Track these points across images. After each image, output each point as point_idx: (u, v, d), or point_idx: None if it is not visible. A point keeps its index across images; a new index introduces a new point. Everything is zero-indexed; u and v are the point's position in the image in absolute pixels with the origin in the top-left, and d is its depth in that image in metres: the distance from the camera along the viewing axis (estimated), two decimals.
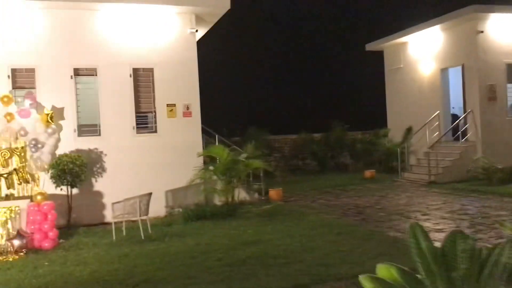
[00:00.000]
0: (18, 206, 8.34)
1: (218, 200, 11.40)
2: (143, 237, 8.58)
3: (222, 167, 10.64)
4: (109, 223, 10.13)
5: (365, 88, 23.61)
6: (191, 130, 11.44)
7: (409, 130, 17.24)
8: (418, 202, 11.08)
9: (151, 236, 8.68)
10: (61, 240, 8.67)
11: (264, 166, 11.24)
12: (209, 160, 12.08)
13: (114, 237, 8.64)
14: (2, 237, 8.13)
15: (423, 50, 16.82)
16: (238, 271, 6.23)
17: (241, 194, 11.43)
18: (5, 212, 8.20)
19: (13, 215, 8.24)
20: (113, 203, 8.86)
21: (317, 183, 15.11)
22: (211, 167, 11.22)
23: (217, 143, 12.36)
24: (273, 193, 12.20)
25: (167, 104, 11.27)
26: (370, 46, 19.02)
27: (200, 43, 11.98)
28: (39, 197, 8.58)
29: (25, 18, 10.16)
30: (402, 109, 18.02)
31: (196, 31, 11.52)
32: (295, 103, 24.17)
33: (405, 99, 17.81)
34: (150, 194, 9.05)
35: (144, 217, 8.92)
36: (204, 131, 11.90)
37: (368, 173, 15.87)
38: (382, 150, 17.89)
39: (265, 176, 12.79)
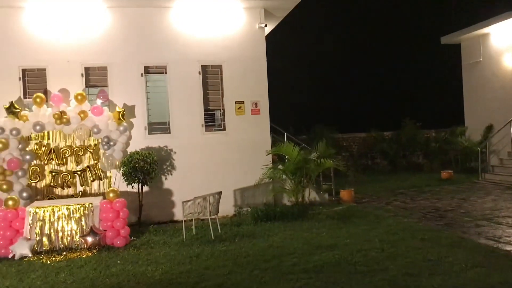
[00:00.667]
0: (91, 203, 8.39)
1: (287, 200, 11.02)
2: (213, 237, 8.37)
3: (292, 166, 10.23)
4: (178, 221, 10.07)
5: (439, 84, 22.29)
6: (259, 127, 11.14)
7: (489, 129, 16.00)
8: (507, 207, 10.09)
9: (221, 236, 8.45)
10: (132, 238, 8.66)
11: (337, 165, 10.69)
12: (277, 158, 11.72)
13: (184, 236, 8.50)
14: (76, 233, 8.20)
15: (507, 42, 15.48)
16: (316, 279, 5.80)
17: (311, 194, 10.97)
18: (79, 209, 8.27)
19: (86, 212, 8.29)
20: (183, 202, 8.71)
21: (390, 184, 14.33)
22: (280, 166, 10.86)
23: (285, 141, 11.96)
24: (344, 193, 11.63)
25: (235, 102, 11.03)
26: (446, 39, 17.82)
27: (267, 39, 11.62)
28: (111, 195, 8.60)
29: (97, 17, 10.28)
30: (481, 106, 16.74)
31: (265, 25, 11.19)
32: (364, 100, 23.27)
33: (485, 95, 16.52)
34: (220, 193, 8.83)
35: (213, 216, 8.71)
36: (271, 129, 11.55)
37: (445, 173, 14.85)
38: (458, 150, 16.74)
39: (334, 176, 12.25)
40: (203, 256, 7.21)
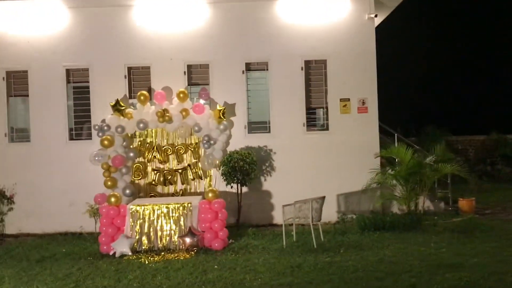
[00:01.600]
0: (190, 203, 8.14)
1: (397, 209, 9.97)
2: (315, 245, 7.69)
3: (404, 171, 9.18)
4: (278, 225, 9.58)
5: None
6: (366, 127, 10.21)
7: None
8: None
9: (324, 245, 7.75)
10: (230, 241, 8.27)
11: (459, 172, 9.40)
12: (385, 162, 10.69)
13: (284, 243, 7.93)
14: (174, 233, 7.99)
15: None
16: None
17: (425, 203, 9.81)
18: (178, 208, 8.06)
19: (185, 212, 8.05)
20: (283, 206, 8.14)
21: None
22: (390, 171, 9.84)
23: (396, 143, 10.88)
24: (464, 203, 10.27)
25: (340, 99, 10.23)
26: None
27: (376, 31, 10.64)
28: (210, 195, 8.28)
29: (200, 14, 10.10)
30: None
31: (376, 16, 10.23)
32: (482, 99, 20.96)
33: None
34: (323, 198, 8.11)
35: (315, 223, 8.02)
36: (379, 129, 10.53)
37: None
38: None
39: (451, 183, 10.90)
40: (305, 267, 6.56)
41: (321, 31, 10.18)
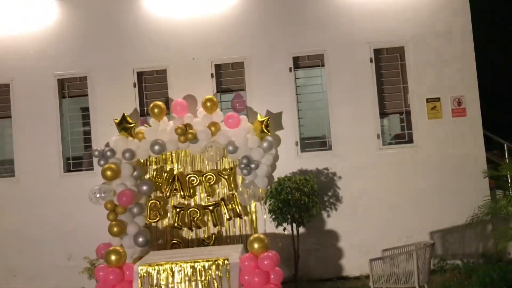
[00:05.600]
0: (227, 259, 5.44)
1: None
2: None
3: None
4: (348, 278, 6.99)
5: None
6: (466, 137, 7.35)
7: None
8: None
9: None
10: None
11: None
12: (494, 184, 7.70)
13: None
14: None
15: None
16: None
17: None
18: (209, 268, 5.37)
19: (220, 274, 5.35)
20: (371, 260, 5.32)
21: None
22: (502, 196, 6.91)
23: (507, 157, 7.89)
24: None
25: (427, 99, 7.42)
26: None
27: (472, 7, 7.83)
28: (256, 245, 5.55)
29: (228, 5, 7.60)
30: None
31: None
32: None
33: None
34: (433, 245, 5.27)
35: (423, 284, 5.16)
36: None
37: None
38: None
39: None
40: None
41: (395, 8, 7.47)
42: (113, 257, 5.55)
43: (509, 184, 7.37)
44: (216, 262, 5.40)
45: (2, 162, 7.92)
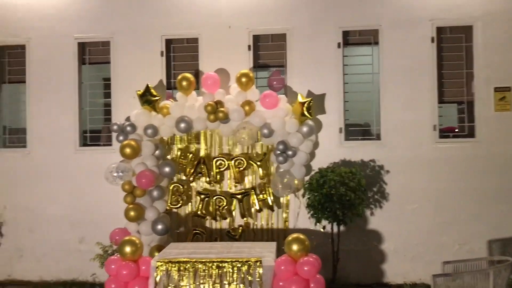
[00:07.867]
0: (260, 260, 4.63)
1: None
2: None
3: None
4: (389, 285, 6.08)
5: None
6: None
7: None
8: None
9: None
10: None
11: None
12: None
13: None
14: None
15: None
16: None
17: None
18: (238, 270, 4.58)
19: (250, 278, 4.56)
20: (434, 276, 4.42)
21: None
22: None
23: None
24: None
25: (495, 88, 6.43)
26: None
27: None
28: (295, 247, 4.70)
29: None
30: None
31: None
32: None
33: None
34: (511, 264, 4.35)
35: None
36: None
37: None
38: None
39: None
40: None
41: None
42: (128, 249, 4.79)
43: None
44: (247, 263, 4.61)
45: (14, 130, 7.23)
